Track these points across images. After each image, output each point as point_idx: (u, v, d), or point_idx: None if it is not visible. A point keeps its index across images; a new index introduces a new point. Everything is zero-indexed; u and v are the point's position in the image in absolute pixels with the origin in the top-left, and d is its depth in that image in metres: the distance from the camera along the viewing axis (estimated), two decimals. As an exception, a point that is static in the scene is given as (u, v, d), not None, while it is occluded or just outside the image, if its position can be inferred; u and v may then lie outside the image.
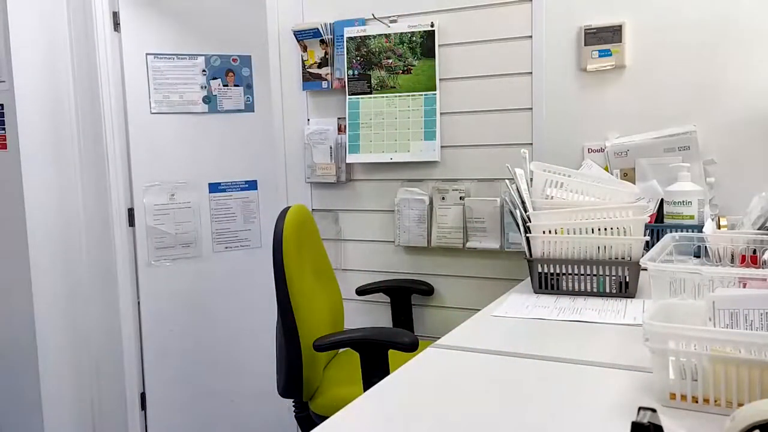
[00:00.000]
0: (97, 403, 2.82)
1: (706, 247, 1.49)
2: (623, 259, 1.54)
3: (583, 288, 1.57)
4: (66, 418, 2.71)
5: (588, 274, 1.56)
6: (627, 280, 1.53)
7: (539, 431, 0.89)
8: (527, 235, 1.62)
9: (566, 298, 1.57)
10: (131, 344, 2.82)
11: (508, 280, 2.26)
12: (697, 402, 0.89)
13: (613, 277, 1.55)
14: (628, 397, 0.96)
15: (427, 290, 2.38)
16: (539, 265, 1.60)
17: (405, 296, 2.39)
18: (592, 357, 1.13)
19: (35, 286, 2.57)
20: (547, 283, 1.60)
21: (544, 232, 1.60)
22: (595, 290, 1.56)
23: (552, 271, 1.60)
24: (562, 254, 1.59)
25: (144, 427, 2.89)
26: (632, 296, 1.54)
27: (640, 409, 0.70)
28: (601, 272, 1.56)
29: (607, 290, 1.55)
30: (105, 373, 2.81)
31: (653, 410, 0.69)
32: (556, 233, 1.59)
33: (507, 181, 1.71)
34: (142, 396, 2.88)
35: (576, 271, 1.57)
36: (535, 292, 1.62)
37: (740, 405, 0.78)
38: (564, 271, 1.58)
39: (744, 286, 1.13)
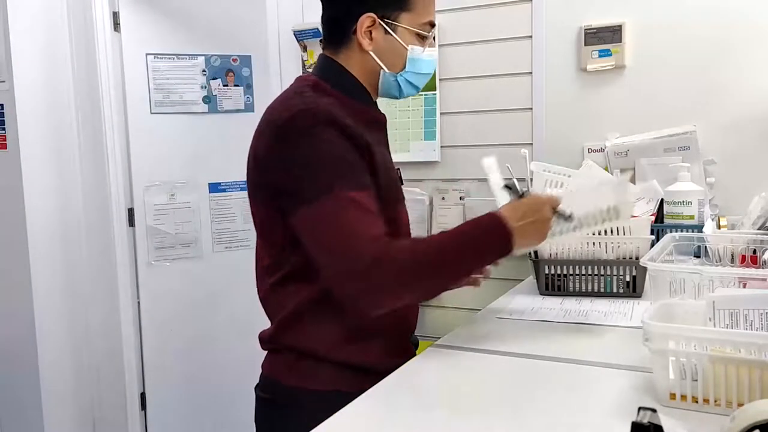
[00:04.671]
0: (97, 403, 2.82)
1: (706, 247, 1.49)
2: (630, 258, 1.53)
3: (590, 288, 1.56)
4: (66, 418, 2.71)
5: (595, 275, 1.56)
6: (635, 279, 1.53)
7: (539, 430, 0.89)
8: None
9: (572, 299, 1.55)
10: (131, 344, 2.82)
11: (508, 280, 2.25)
12: (697, 402, 0.89)
13: (620, 277, 1.54)
14: (628, 397, 0.96)
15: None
16: (546, 266, 1.60)
17: (405, 296, 2.39)
18: (592, 357, 1.13)
19: (35, 286, 2.57)
20: (553, 285, 1.59)
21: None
22: (602, 290, 1.55)
23: (558, 272, 1.59)
24: (569, 255, 1.58)
25: (144, 427, 2.89)
26: (639, 296, 1.53)
27: (640, 409, 0.70)
28: (608, 272, 1.55)
29: (614, 290, 1.54)
30: (105, 373, 2.81)
31: (653, 410, 0.69)
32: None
33: (515, 180, 1.69)
34: (142, 396, 2.88)
35: (583, 272, 1.57)
36: (541, 294, 1.61)
37: (740, 405, 0.78)
38: (571, 272, 1.58)
39: (744, 286, 1.13)
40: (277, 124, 1.16)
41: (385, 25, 1.22)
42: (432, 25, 1.27)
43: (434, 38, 1.33)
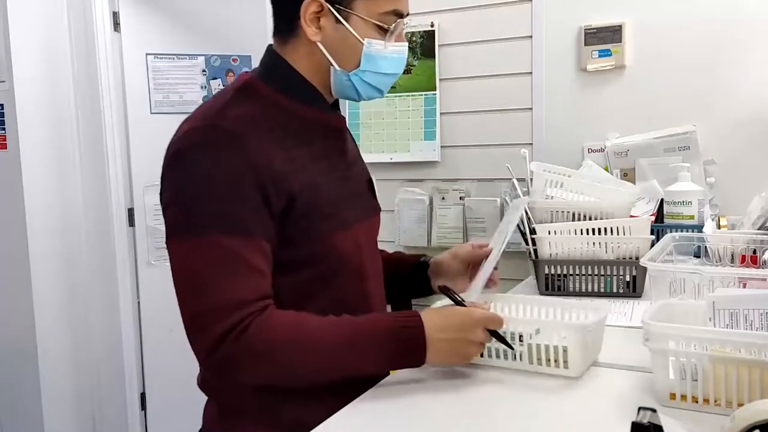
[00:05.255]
0: (97, 403, 2.82)
1: (706, 247, 1.49)
2: (630, 258, 1.53)
3: (590, 289, 1.55)
4: (66, 418, 2.71)
5: (595, 275, 1.55)
6: (635, 279, 1.53)
7: (539, 431, 0.89)
8: (533, 236, 1.61)
9: (572, 300, 1.54)
10: (131, 344, 2.82)
11: (508, 280, 2.24)
12: (697, 402, 0.89)
13: (620, 277, 1.54)
14: (628, 397, 0.96)
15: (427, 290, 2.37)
16: (546, 266, 1.59)
17: (405, 296, 2.38)
18: (592, 357, 1.13)
19: (35, 286, 2.57)
20: (553, 285, 1.59)
21: (550, 233, 1.59)
22: (602, 290, 1.54)
23: (558, 272, 1.58)
24: (569, 255, 1.57)
25: (144, 427, 2.89)
26: (639, 296, 1.53)
27: (640, 409, 0.70)
28: (608, 272, 1.55)
29: (614, 290, 1.54)
30: (105, 373, 2.81)
31: (653, 410, 0.69)
32: (561, 233, 1.58)
33: (515, 180, 1.69)
34: (142, 396, 2.88)
35: (583, 272, 1.56)
36: (541, 294, 1.60)
37: (740, 405, 0.78)
38: (571, 272, 1.57)
39: (744, 286, 1.13)
40: (172, 139, 1.00)
41: (335, 12, 1.02)
42: (399, 15, 1.05)
43: (406, 31, 1.14)
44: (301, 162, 1.02)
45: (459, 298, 1.06)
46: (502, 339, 1.03)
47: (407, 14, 1.08)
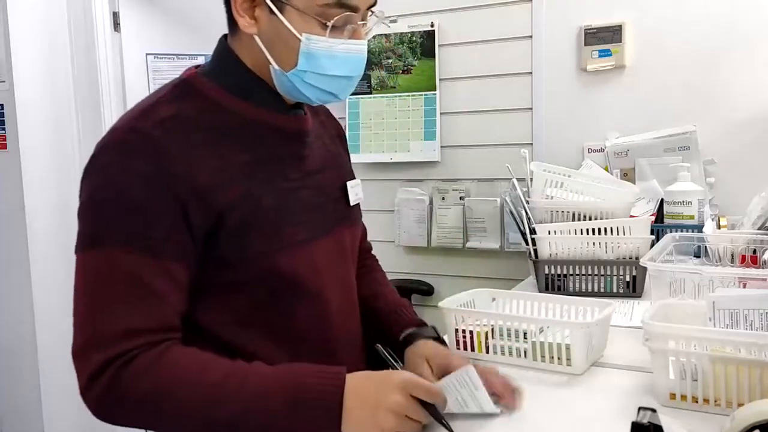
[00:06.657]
0: (97, 403, 2.82)
1: (706, 247, 1.49)
2: (630, 258, 1.53)
3: (590, 288, 1.55)
4: (66, 419, 2.71)
5: (595, 275, 1.55)
6: (635, 279, 1.53)
7: (539, 431, 0.89)
8: (533, 236, 1.61)
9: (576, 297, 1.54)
10: (131, 344, 2.81)
11: (508, 280, 2.25)
12: (697, 402, 0.89)
13: (620, 277, 1.54)
14: (628, 397, 0.96)
15: (427, 290, 2.37)
16: (546, 266, 1.59)
17: (405, 296, 2.38)
18: (592, 357, 1.13)
19: (35, 286, 2.57)
20: (553, 285, 1.59)
21: (550, 233, 1.59)
22: (602, 290, 1.54)
23: (558, 272, 1.58)
24: (569, 255, 1.57)
25: (144, 427, 2.89)
26: (639, 296, 1.53)
27: (640, 409, 0.70)
28: (608, 272, 1.55)
29: (614, 290, 1.54)
30: (105, 373, 2.81)
31: (653, 410, 0.69)
32: (561, 233, 1.58)
33: (515, 180, 1.69)
34: (142, 396, 2.88)
35: (583, 272, 1.56)
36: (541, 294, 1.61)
37: (740, 405, 0.78)
38: (571, 272, 1.57)
39: (744, 286, 1.13)
40: (97, 145, 0.91)
41: (269, 2, 0.88)
42: (348, 7, 0.89)
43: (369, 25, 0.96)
44: (238, 171, 0.91)
45: (391, 359, 0.92)
46: (437, 417, 0.83)
47: (372, 5, 0.93)
